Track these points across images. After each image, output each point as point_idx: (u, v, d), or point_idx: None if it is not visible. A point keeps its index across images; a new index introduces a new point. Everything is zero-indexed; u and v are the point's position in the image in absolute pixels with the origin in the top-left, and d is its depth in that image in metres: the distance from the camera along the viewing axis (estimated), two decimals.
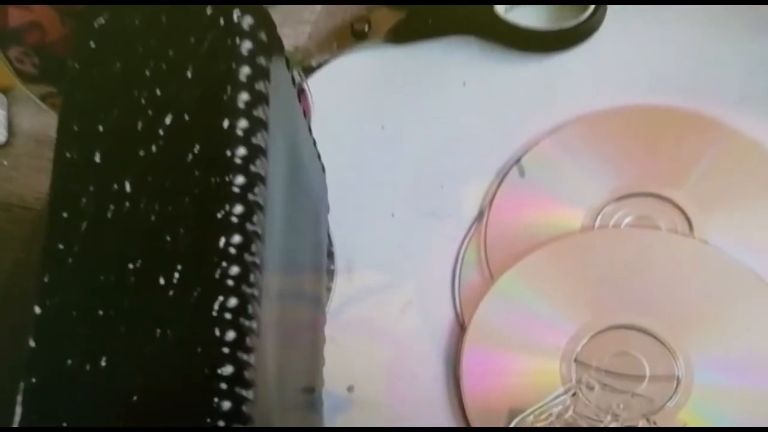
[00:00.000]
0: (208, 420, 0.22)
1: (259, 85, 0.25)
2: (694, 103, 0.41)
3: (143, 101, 0.24)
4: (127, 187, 0.24)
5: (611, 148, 0.41)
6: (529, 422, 0.38)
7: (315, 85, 0.42)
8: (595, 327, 0.39)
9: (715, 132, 0.40)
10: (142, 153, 0.24)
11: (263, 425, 0.24)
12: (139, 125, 0.24)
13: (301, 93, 0.41)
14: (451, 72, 0.44)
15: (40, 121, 0.46)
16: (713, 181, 0.40)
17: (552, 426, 0.38)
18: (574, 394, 0.38)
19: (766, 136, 0.40)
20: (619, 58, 0.43)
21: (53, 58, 0.36)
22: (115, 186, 0.24)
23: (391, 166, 0.43)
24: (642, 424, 0.37)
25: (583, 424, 0.38)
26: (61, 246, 0.24)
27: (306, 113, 0.40)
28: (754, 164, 0.40)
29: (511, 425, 0.38)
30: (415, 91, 0.44)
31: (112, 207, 0.24)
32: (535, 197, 0.41)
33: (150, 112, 0.24)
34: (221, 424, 0.22)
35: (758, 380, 0.37)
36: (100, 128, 0.24)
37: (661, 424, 0.37)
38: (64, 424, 0.22)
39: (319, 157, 0.37)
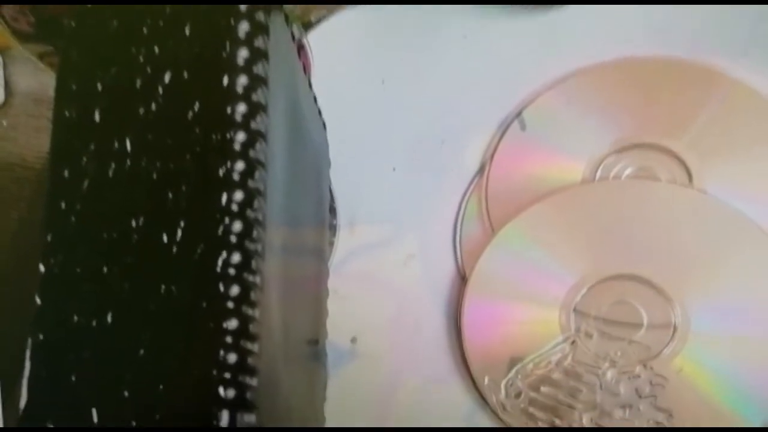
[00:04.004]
0: (215, 372, 0.22)
1: (258, 42, 0.24)
2: (697, 54, 0.41)
3: (141, 59, 0.24)
4: (128, 145, 0.24)
5: (612, 100, 0.41)
6: (529, 369, 0.39)
7: (315, 40, 0.42)
8: (595, 277, 0.39)
9: (717, 82, 0.40)
10: (141, 111, 0.24)
11: (269, 377, 0.24)
12: (138, 83, 0.24)
13: (301, 49, 0.40)
14: (451, 25, 0.44)
15: (38, 80, 0.46)
16: (714, 131, 0.40)
17: (551, 373, 0.39)
18: (573, 342, 0.39)
19: (766, 86, 0.39)
20: (620, 9, 0.42)
21: (49, 16, 0.36)
22: (116, 144, 0.24)
23: (392, 120, 0.43)
24: (639, 370, 0.38)
25: (582, 371, 0.39)
26: (63, 205, 0.24)
27: (306, 69, 0.40)
28: (755, 114, 0.39)
29: (512, 373, 0.39)
30: (415, 45, 0.44)
31: (113, 165, 0.24)
32: (536, 150, 0.41)
33: (148, 69, 0.24)
34: (227, 376, 0.22)
35: (753, 327, 0.37)
36: (99, 87, 0.24)
37: (657, 370, 0.38)
38: (73, 378, 0.23)
39: (319, 112, 0.37)
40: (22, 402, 0.23)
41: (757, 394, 0.37)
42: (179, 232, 0.23)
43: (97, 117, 0.24)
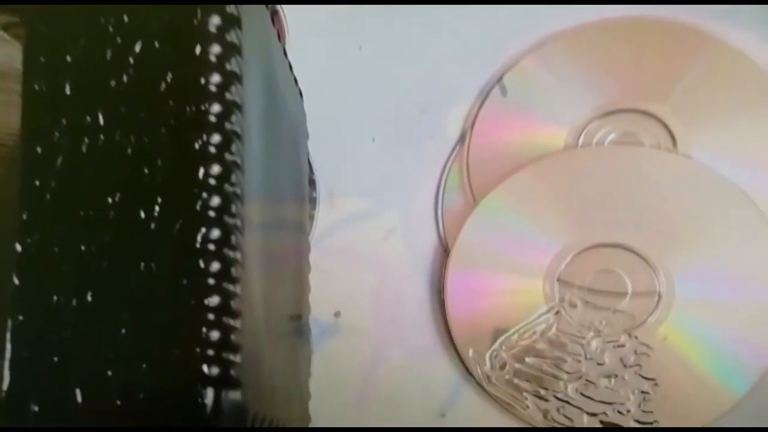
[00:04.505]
0: (198, 350, 0.22)
1: (231, 8, 0.24)
2: (681, 15, 0.40)
3: (110, 29, 0.23)
4: (101, 119, 0.23)
5: (594, 64, 0.41)
6: (513, 341, 0.39)
7: (288, 6, 0.41)
8: (578, 246, 0.39)
9: (701, 44, 0.39)
10: (113, 83, 0.23)
11: (252, 353, 0.24)
12: (108, 54, 0.23)
13: (275, 15, 0.40)
14: None
15: (4, 52, 0.44)
16: (698, 95, 0.39)
17: (536, 343, 0.39)
18: (557, 312, 0.39)
19: (753, 48, 0.39)
20: None
21: None
22: (88, 119, 0.23)
23: (370, 89, 0.43)
24: (624, 339, 0.38)
25: (567, 341, 0.39)
26: (37, 182, 0.23)
27: (280, 36, 0.39)
28: (740, 77, 0.39)
29: (496, 344, 0.39)
30: (393, 9, 0.43)
31: (86, 140, 0.23)
32: (518, 117, 0.41)
33: (118, 39, 0.23)
34: (210, 353, 0.22)
35: (737, 294, 0.38)
36: (68, 59, 0.24)
37: (642, 339, 0.38)
38: (55, 359, 0.22)
39: (296, 81, 0.36)
40: (5, 384, 0.22)
41: (741, 361, 0.37)
42: (156, 208, 0.23)
43: (68, 90, 0.24)
